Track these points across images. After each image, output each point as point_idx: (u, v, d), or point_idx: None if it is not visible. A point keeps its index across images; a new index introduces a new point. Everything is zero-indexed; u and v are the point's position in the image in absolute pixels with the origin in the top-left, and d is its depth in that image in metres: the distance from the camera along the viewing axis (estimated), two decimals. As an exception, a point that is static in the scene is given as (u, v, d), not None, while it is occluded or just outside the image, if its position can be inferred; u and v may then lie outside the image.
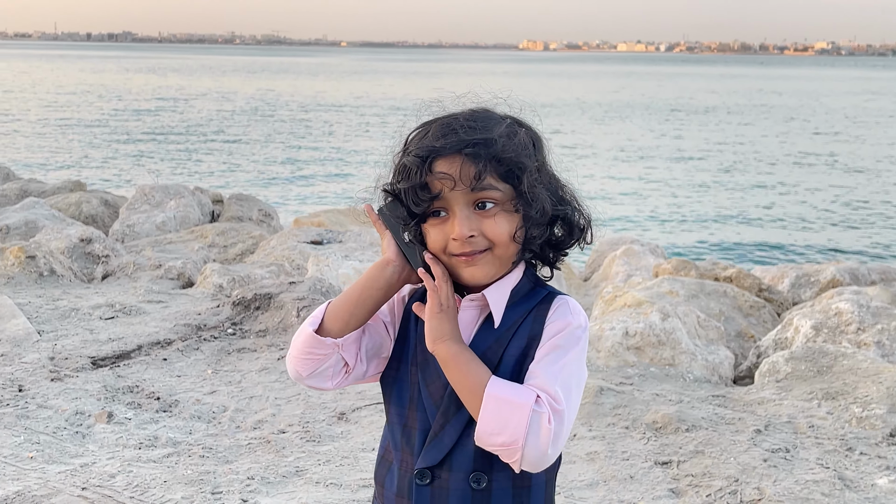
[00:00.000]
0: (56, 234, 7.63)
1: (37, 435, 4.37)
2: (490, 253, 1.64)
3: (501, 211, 1.64)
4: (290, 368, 1.76)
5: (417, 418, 1.71)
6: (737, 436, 4.22)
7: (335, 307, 1.71)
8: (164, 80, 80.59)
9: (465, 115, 1.68)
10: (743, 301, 6.21)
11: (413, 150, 1.65)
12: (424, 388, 1.71)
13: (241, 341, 5.73)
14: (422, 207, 1.64)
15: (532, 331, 1.66)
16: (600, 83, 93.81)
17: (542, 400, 1.58)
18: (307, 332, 1.70)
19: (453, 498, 1.67)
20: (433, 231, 1.66)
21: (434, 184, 1.62)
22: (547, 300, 1.69)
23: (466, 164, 1.61)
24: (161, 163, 27.20)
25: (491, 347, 1.66)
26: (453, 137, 1.62)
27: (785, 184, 24.69)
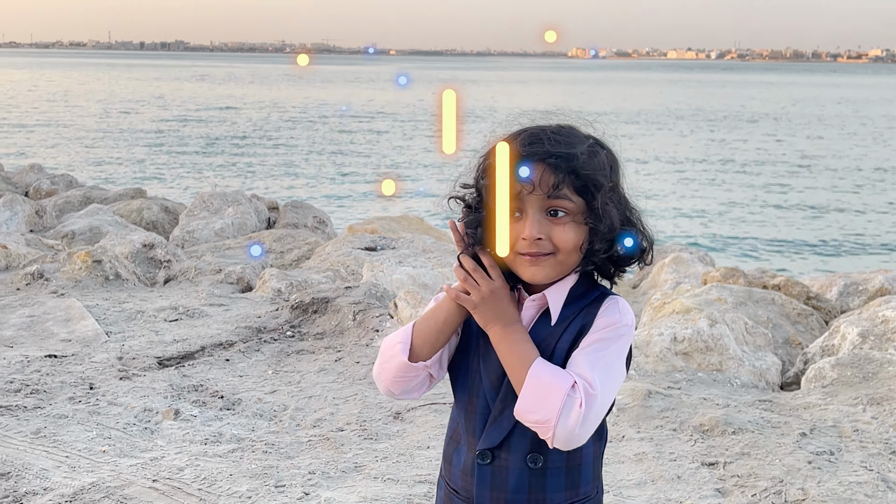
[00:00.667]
0: (120, 239, 7.91)
1: (108, 430, 4.59)
2: (553, 257, 1.79)
3: (571, 221, 1.78)
4: (381, 387, 1.92)
5: (478, 404, 1.87)
6: (782, 438, 4.32)
7: (423, 332, 1.86)
8: (217, 89, 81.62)
9: (552, 129, 1.83)
10: (791, 309, 6.29)
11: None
12: (486, 377, 1.86)
13: (300, 343, 5.94)
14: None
15: (583, 326, 1.80)
16: (646, 90, 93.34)
17: (578, 385, 1.72)
18: (401, 361, 1.85)
19: (512, 476, 1.82)
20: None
21: (514, 186, 1.77)
22: (599, 299, 1.84)
23: (547, 172, 1.76)
24: (217, 170, 27.68)
25: (545, 339, 1.81)
26: (539, 147, 1.78)
27: (837, 191, 24.50)
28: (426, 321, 1.86)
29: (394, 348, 1.87)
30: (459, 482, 1.90)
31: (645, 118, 53.07)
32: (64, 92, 70.89)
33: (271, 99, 67.60)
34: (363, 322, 6.07)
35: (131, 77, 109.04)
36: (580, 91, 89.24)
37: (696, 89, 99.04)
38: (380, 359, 1.91)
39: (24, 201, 9.77)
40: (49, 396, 4.98)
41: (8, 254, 7.69)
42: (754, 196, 23.92)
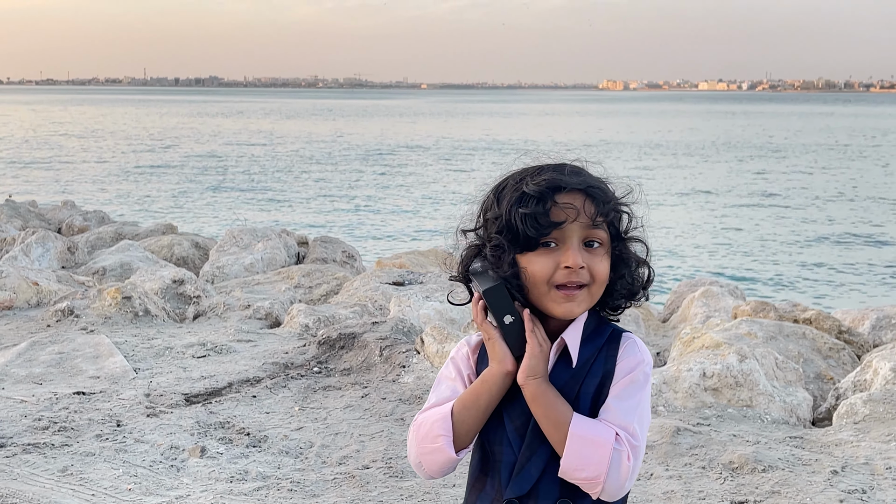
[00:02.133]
0: (150, 275, 7.96)
1: (134, 468, 4.59)
2: (587, 290, 1.78)
3: (605, 253, 1.79)
4: (422, 473, 1.88)
5: (504, 451, 1.83)
6: (813, 476, 4.25)
7: (466, 423, 1.82)
8: (249, 124, 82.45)
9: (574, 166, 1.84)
10: (822, 343, 6.21)
11: (538, 181, 1.77)
12: (509, 424, 1.83)
13: (327, 379, 5.93)
14: (539, 233, 1.75)
15: (605, 368, 1.80)
16: (676, 122, 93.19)
17: (622, 437, 1.73)
18: (448, 455, 1.81)
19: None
20: (541, 260, 1.76)
21: (557, 213, 1.75)
22: (614, 338, 1.83)
23: (589, 202, 1.77)
24: (247, 204, 27.91)
25: (568, 383, 1.79)
26: (579, 177, 1.78)
27: (867, 223, 24.29)
28: (468, 409, 1.82)
29: (436, 441, 1.82)
30: None
31: (675, 149, 52.94)
32: (97, 128, 71.89)
33: (303, 132, 68.14)
34: (390, 357, 6.06)
35: (163, 113, 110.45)
36: (611, 124, 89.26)
37: (728, 120, 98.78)
38: (418, 448, 1.85)
39: (56, 238, 9.88)
40: (77, 434, 5.00)
41: (39, 290, 7.77)
42: (787, 227, 23.75)
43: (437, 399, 1.88)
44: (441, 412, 1.83)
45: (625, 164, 42.67)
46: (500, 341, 1.80)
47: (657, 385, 5.30)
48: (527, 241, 1.76)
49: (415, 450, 1.86)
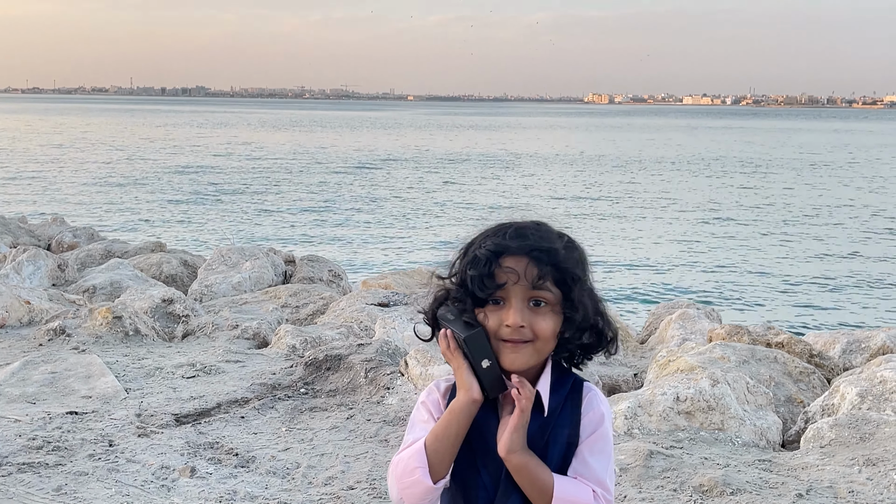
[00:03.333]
0: (139, 294, 8.11)
1: (126, 488, 4.75)
2: (532, 345, 1.94)
3: (551, 311, 1.94)
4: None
5: (479, 497, 1.99)
6: (779, 499, 4.45)
7: (438, 451, 1.95)
8: (236, 135, 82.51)
9: (532, 225, 1.99)
10: (793, 367, 6.42)
11: (486, 244, 1.94)
12: (483, 470, 1.99)
13: (313, 400, 6.10)
14: (485, 294, 1.92)
15: (572, 419, 1.97)
16: (663, 137, 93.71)
17: (598, 494, 1.93)
18: (426, 486, 1.94)
19: None
20: (490, 315, 1.94)
21: (500, 276, 1.92)
22: (577, 388, 2.01)
23: (531, 265, 1.92)
24: (233, 221, 28.03)
25: (537, 432, 1.96)
26: (524, 241, 1.93)
27: (841, 245, 24.58)
28: (440, 440, 1.95)
29: (413, 474, 1.94)
30: None
31: (659, 166, 53.31)
32: (84, 140, 71.81)
33: (289, 143, 68.25)
34: (375, 379, 6.23)
35: (149, 124, 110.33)
36: (601, 139, 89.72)
37: (710, 136, 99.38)
38: (398, 484, 1.97)
39: (46, 255, 10.02)
40: (70, 453, 5.15)
41: (31, 309, 7.91)
42: (763, 247, 24.03)
43: (412, 440, 2.01)
44: (415, 448, 1.97)
45: (607, 178, 43.00)
46: (468, 372, 1.94)
47: (633, 409, 5.50)
48: (476, 298, 1.94)
49: (395, 487, 1.99)
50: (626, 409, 5.48)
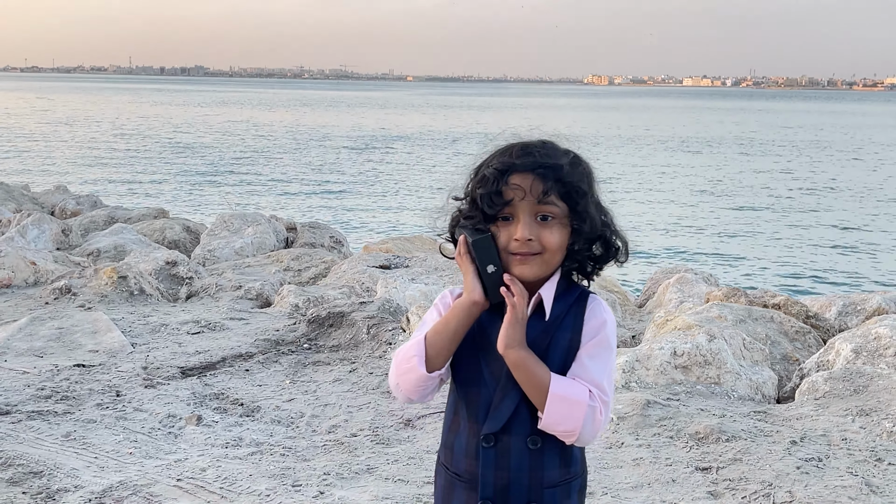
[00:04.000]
0: (144, 256, 8.20)
1: (134, 434, 4.85)
2: (540, 257, 2.02)
3: (558, 224, 2.02)
4: (400, 396, 2.11)
5: (480, 393, 2.08)
6: (773, 446, 4.55)
7: (436, 344, 2.05)
8: (237, 113, 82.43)
9: (538, 143, 2.06)
10: (789, 327, 6.51)
11: (494, 163, 2.03)
12: (486, 368, 2.08)
13: (316, 355, 6.20)
14: (494, 210, 2.01)
15: (574, 325, 2.05)
16: (658, 117, 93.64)
17: (594, 394, 2.01)
18: (420, 374, 2.04)
19: (514, 457, 2.04)
20: (500, 231, 2.02)
21: (507, 192, 2.00)
22: (582, 298, 2.09)
23: (537, 181, 2.00)
24: (237, 187, 28.13)
25: (540, 335, 2.04)
26: (529, 158, 2.01)
27: (842, 217, 24.69)
28: (439, 333, 2.05)
29: (410, 361, 2.05)
30: (463, 466, 2.09)
31: (662, 144, 53.35)
32: (87, 114, 71.77)
33: (289, 122, 68.20)
34: (377, 335, 6.32)
35: (149, 102, 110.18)
36: (593, 118, 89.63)
37: (713, 116, 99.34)
38: (396, 371, 2.09)
39: (51, 220, 10.09)
40: (78, 403, 5.25)
41: (37, 269, 8.00)
42: (763, 220, 24.13)
43: (420, 336, 2.12)
44: (416, 339, 2.08)
45: (607, 155, 43.04)
46: (473, 276, 2.04)
47: (630, 363, 5.59)
48: (486, 216, 2.03)
49: (393, 373, 2.10)
50: (624, 363, 5.57)
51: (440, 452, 2.19)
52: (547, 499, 2.06)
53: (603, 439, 4.76)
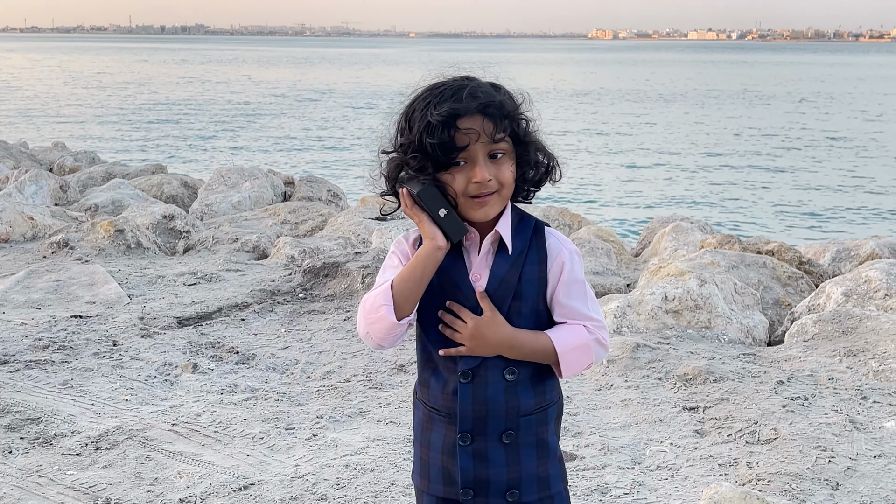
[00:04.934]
0: (141, 210, 8.24)
1: (130, 382, 4.92)
2: (497, 194, 2.05)
3: (508, 159, 2.05)
4: (371, 343, 2.13)
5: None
6: (760, 386, 4.60)
7: (403, 292, 2.06)
8: (236, 70, 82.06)
9: (471, 83, 2.05)
10: (782, 272, 6.54)
11: (439, 110, 1.99)
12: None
13: (311, 304, 6.26)
14: (450, 158, 2.00)
15: (539, 257, 2.10)
16: (662, 71, 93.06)
17: (590, 328, 2.10)
18: (390, 321, 2.05)
19: (491, 389, 2.08)
20: (454, 177, 2.02)
21: (461, 138, 1.99)
22: (539, 229, 2.12)
23: (487, 121, 2.00)
24: (231, 149, 28.11)
25: (509, 272, 2.08)
26: (474, 100, 2.00)
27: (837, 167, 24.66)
28: (405, 281, 2.06)
29: (379, 311, 2.06)
30: (440, 401, 2.13)
31: (663, 98, 53.10)
32: (86, 73, 71.51)
33: (289, 80, 67.93)
34: (371, 285, 6.36)
35: (150, 61, 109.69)
36: (596, 74, 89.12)
37: (717, 70, 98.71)
38: (365, 320, 2.10)
39: (48, 176, 10.12)
40: (75, 352, 5.32)
41: (35, 224, 8.04)
42: (762, 169, 24.12)
43: (382, 282, 2.13)
44: (383, 287, 2.09)
45: (605, 109, 42.86)
46: (428, 223, 2.05)
47: (622, 308, 5.64)
48: (439, 164, 2.03)
49: (362, 322, 2.12)
50: (616, 309, 5.61)
51: (416, 388, 2.22)
52: (523, 426, 2.10)
53: (592, 381, 4.82)
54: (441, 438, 2.14)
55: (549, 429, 2.15)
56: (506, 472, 2.10)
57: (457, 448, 2.10)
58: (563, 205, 12.45)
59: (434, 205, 2.03)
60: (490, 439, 2.09)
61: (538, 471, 2.12)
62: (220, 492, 3.70)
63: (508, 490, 2.11)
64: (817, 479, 3.66)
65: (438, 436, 2.15)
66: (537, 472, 2.12)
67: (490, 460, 2.10)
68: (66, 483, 3.79)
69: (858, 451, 3.91)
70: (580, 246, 7.48)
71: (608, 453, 4.01)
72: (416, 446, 2.22)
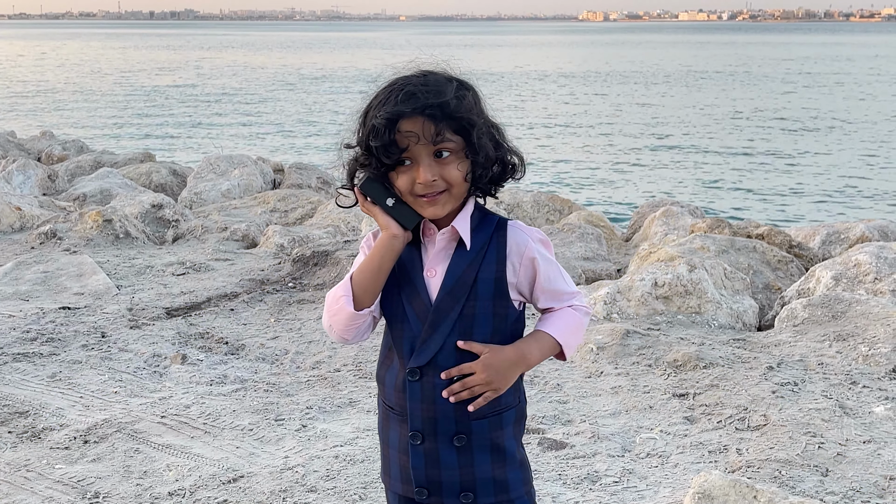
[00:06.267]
0: (129, 200, 8.20)
1: (119, 374, 4.90)
2: (447, 193, 2.03)
3: (455, 158, 2.02)
4: (334, 336, 2.13)
5: (405, 329, 2.10)
6: (750, 372, 4.60)
7: (362, 283, 2.06)
8: (226, 56, 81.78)
9: (420, 80, 2.03)
10: (772, 256, 6.54)
11: (381, 113, 1.99)
12: (408, 306, 2.09)
13: (301, 294, 6.24)
14: (392, 159, 1.99)
15: (498, 257, 2.08)
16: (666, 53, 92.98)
17: (575, 306, 2.15)
18: (349, 312, 2.06)
19: (439, 390, 2.06)
20: (401, 177, 2.01)
21: (402, 140, 1.98)
22: (501, 226, 2.11)
23: (427, 123, 1.98)
24: (221, 130, 28.04)
25: (466, 270, 2.06)
26: (415, 102, 1.98)
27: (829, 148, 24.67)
28: (363, 272, 2.06)
29: (338, 302, 2.06)
30: (394, 399, 2.12)
31: (653, 79, 53.04)
32: (74, 60, 71.21)
33: (277, 65, 67.73)
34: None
35: (139, 47, 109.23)
36: (582, 55, 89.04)
37: (706, 51, 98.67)
38: (327, 312, 2.10)
39: (36, 166, 10.07)
40: (63, 344, 5.29)
41: (22, 215, 8.00)
42: (753, 153, 24.12)
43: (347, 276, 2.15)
44: (343, 280, 2.11)
45: (588, 91, 42.81)
46: (382, 214, 2.05)
47: (612, 294, 5.63)
48: (384, 165, 2.02)
49: (325, 315, 2.12)
50: (605, 295, 5.61)
51: (377, 386, 2.22)
52: (476, 430, 2.08)
53: (582, 369, 4.82)
54: (397, 437, 2.14)
55: (505, 433, 2.12)
56: (458, 474, 2.09)
57: (409, 446, 2.10)
58: (552, 189, 12.42)
59: (380, 196, 2.05)
60: (441, 441, 2.08)
61: (494, 474, 2.11)
62: (210, 484, 3.69)
63: (462, 492, 2.10)
64: (807, 465, 3.67)
65: (395, 434, 2.15)
66: (493, 475, 2.11)
67: (442, 461, 2.09)
68: (55, 477, 3.77)
69: (848, 437, 3.92)
70: (570, 231, 7.47)
71: (598, 441, 4.00)
72: (380, 443, 2.23)
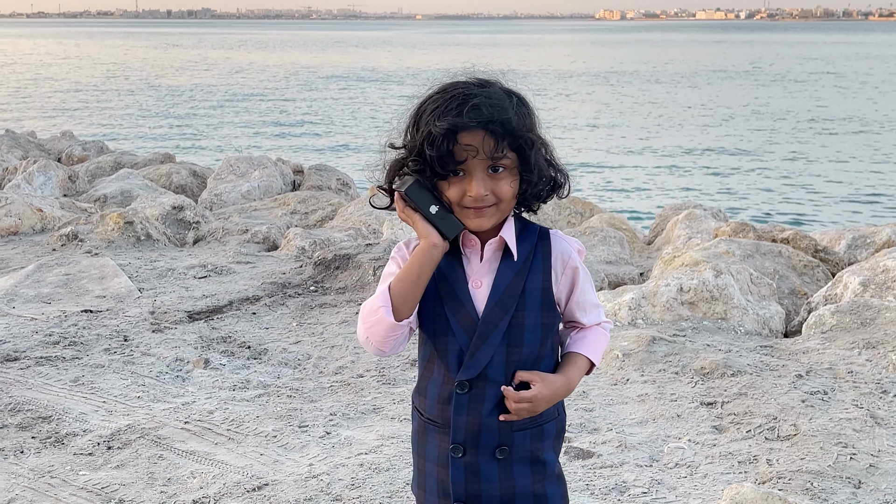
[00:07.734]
0: (150, 202, 8.20)
1: (142, 378, 4.88)
2: (496, 207, 2.01)
3: (509, 175, 2.00)
4: (371, 349, 2.08)
5: (449, 342, 2.07)
6: (779, 380, 4.54)
7: (401, 293, 2.02)
8: (243, 56, 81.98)
9: (482, 92, 1.99)
10: (797, 261, 6.47)
11: (441, 122, 1.95)
12: (453, 318, 2.06)
13: (323, 297, 6.21)
14: (447, 170, 1.97)
15: (544, 266, 2.08)
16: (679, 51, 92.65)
17: (602, 324, 2.18)
18: (388, 323, 2.01)
19: (487, 403, 2.04)
20: (452, 188, 1.99)
21: (459, 153, 1.96)
22: (544, 235, 2.10)
23: (488, 138, 1.95)
24: (239, 136, 28.06)
25: (514, 279, 2.05)
26: (478, 115, 1.95)
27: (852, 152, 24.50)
28: (402, 281, 2.02)
29: (377, 313, 2.01)
30: (435, 412, 2.09)
31: (672, 78, 52.85)
32: (95, 59, 71.49)
33: (295, 64, 67.81)
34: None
35: (158, 46, 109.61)
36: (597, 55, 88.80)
37: (725, 50, 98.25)
38: (364, 324, 2.06)
39: (57, 167, 10.09)
40: (86, 348, 5.28)
41: (44, 216, 8.01)
42: (776, 155, 23.98)
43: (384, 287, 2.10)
44: (380, 290, 2.06)
45: (608, 91, 42.67)
46: (422, 222, 2.01)
47: (636, 300, 5.58)
48: (437, 174, 2.00)
49: (362, 327, 2.07)
50: (630, 301, 5.56)
51: (413, 397, 2.19)
52: (517, 441, 2.07)
53: (608, 376, 4.77)
54: (436, 450, 2.11)
55: (544, 445, 2.11)
56: (499, 487, 2.08)
57: (450, 460, 2.07)
58: (573, 192, 12.36)
59: (424, 202, 2.00)
60: (482, 454, 2.06)
61: (534, 488, 2.10)
62: (234, 492, 3.66)
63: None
64: (839, 476, 3.61)
65: (433, 447, 2.11)
66: (533, 489, 2.10)
67: (482, 474, 2.07)
68: (79, 484, 3.75)
69: (880, 448, 3.86)
70: (592, 235, 7.43)
71: (625, 450, 3.96)
72: (413, 456, 2.20)
